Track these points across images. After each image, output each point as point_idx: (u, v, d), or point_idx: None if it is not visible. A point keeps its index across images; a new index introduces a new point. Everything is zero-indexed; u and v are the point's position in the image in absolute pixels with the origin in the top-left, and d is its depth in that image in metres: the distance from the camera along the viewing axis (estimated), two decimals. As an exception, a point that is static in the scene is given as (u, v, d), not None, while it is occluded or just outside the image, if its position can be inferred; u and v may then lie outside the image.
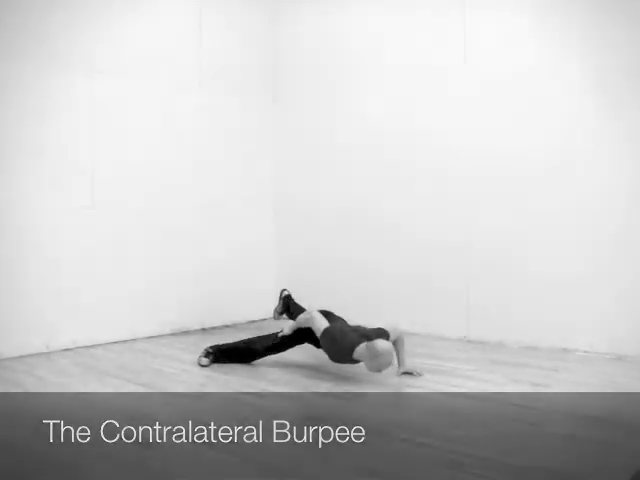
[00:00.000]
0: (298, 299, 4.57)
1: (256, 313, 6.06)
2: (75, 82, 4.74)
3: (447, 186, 5.09)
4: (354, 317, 4.23)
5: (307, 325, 3.95)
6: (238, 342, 4.23)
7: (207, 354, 4.13)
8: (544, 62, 4.57)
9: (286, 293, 4.53)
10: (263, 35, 6.18)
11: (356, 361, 3.69)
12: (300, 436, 2.76)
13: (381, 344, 3.50)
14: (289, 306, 4.45)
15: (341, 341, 3.68)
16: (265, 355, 4.14)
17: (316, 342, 4.03)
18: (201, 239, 5.61)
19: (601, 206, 4.35)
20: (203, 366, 4.07)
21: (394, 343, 3.79)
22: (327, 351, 3.80)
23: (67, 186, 4.70)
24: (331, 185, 5.87)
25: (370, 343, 3.54)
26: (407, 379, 3.72)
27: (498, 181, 4.82)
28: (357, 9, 5.64)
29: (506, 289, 4.78)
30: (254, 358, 4.15)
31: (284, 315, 4.51)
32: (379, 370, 3.56)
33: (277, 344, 4.11)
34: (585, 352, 4.39)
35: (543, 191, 4.60)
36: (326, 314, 4.02)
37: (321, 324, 3.85)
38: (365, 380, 3.73)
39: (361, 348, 3.59)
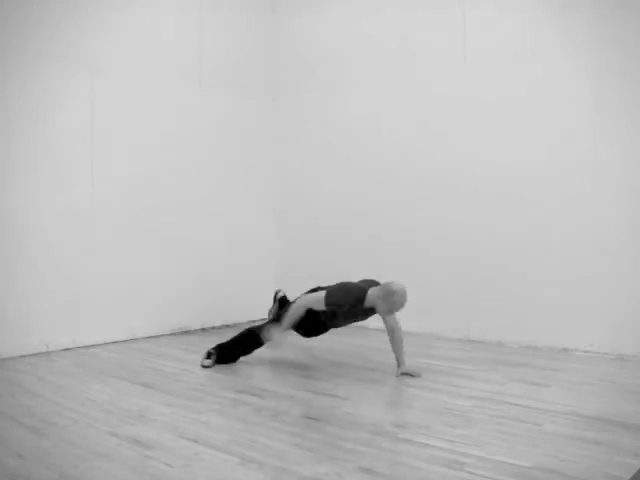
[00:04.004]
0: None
1: (256, 313, 6.06)
2: (75, 82, 4.74)
3: (447, 187, 5.10)
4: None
5: (304, 309, 3.78)
6: (238, 334, 4.16)
7: (209, 355, 4.11)
8: (545, 62, 4.57)
9: (281, 294, 4.32)
10: (263, 35, 6.19)
11: (367, 311, 3.65)
12: (300, 436, 2.76)
13: (396, 282, 3.54)
14: (286, 308, 4.31)
15: (350, 291, 3.65)
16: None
17: (306, 329, 3.94)
18: (201, 239, 5.62)
19: (601, 206, 4.36)
20: (205, 367, 4.05)
21: (393, 341, 3.80)
22: (338, 307, 3.66)
23: (67, 186, 4.70)
24: (331, 185, 5.88)
25: (385, 283, 3.58)
26: (407, 379, 3.72)
27: (497, 181, 4.82)
28: (357, 9, 5.64)
29: (506, 289, 4.79)
30: (254, 343, 4.02)
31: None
32: (392, 311, 3.56)
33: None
34: (585, 352, 4.40)
35: (543, 191, 4.60)
36: (315, 290, 3.98)
37: (318, 294, 3.74)
38: (364, 380, 3.73)
39: (373, 290, 3.61)
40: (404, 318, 4.35)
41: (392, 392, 3.56)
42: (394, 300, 3.52)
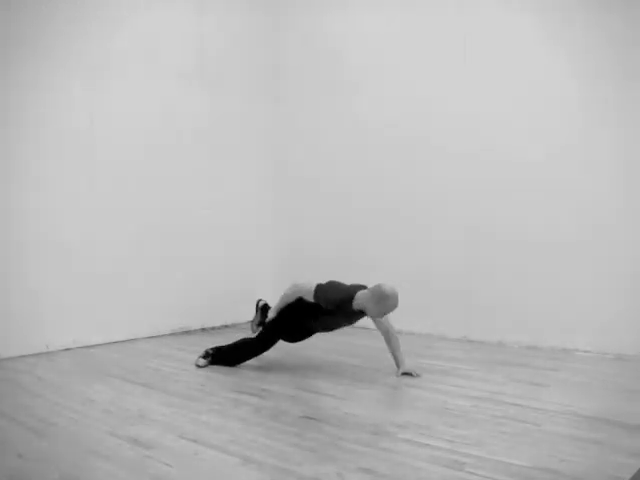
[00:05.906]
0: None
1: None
2: (75, 82, 4.74)
3: (447, 186, 5.10)
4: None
5: (295, 296, 3.78)
6: (236, 341, 4.21)
7: (206, 355, 4.11)
8: (544, 62, 4.57)
9: (263, 303, 4.29)
10: (263, 35, 6.19)
11: (355, 314, 3.58)
12: (300, 436, 2.76)
13: (388, 285, 3.39)
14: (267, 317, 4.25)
15: (338, 289, 3.58)
16: (258, 348, 4.00)
17: (293, 336, 3.97)
18: (201, 239, 5.62)
19: (600, 206, 4.36)
20: (199, 367, 4.06)
21: (389, 342, 3.80)
22: (325, 302, 3.61)
23: (67, 186, 4.70)
24: (331, 186, 5.88)
25: (376, 285, 3.46)
26: (407, 379, 3.72)
27: (498, 181, 4.82)
28: (357, 9, 5.64)
29: (506, 289, 4.79)
30: (248, 353, 4.04)
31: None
32: (384, 313, 3.47)
33: (264, 333, 3.99)
34: (585, 352, 4.40)
35: (543, 191, 4.60)
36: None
37: (310, 284, 3.72)
38: (364, 380, 3.73)
39: (363, 293, 3.50)
40: (405, 318, 4.35)
41: (392, 392, 3.56)
42: (386, 303, 3.44)
